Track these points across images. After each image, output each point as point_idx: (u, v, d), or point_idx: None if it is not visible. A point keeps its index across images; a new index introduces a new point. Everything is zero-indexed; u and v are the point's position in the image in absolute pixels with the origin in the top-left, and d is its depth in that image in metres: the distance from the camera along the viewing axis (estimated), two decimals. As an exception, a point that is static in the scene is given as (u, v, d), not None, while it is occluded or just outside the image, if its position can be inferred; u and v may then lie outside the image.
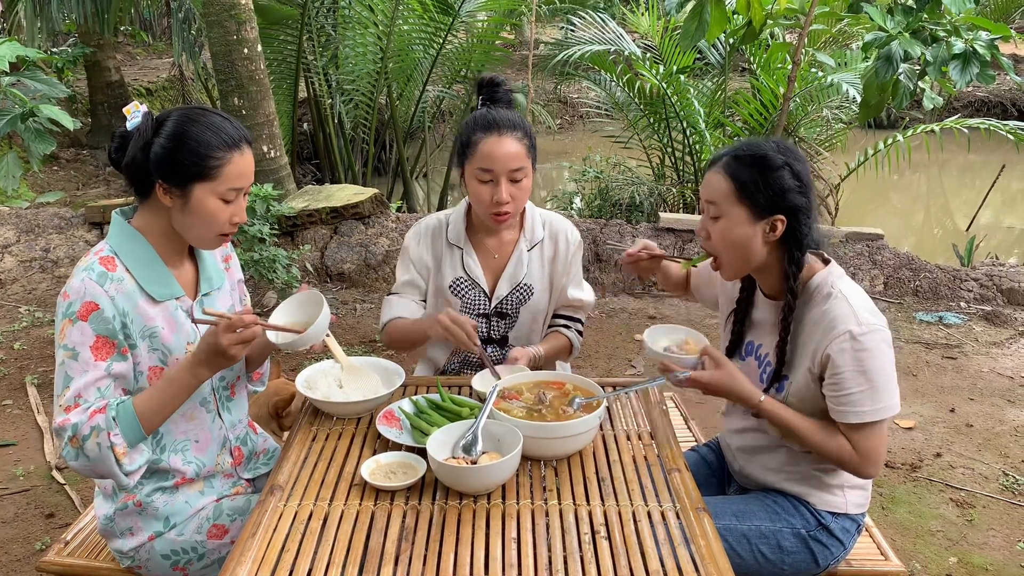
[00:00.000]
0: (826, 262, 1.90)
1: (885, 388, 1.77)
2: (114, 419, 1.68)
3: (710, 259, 1.95)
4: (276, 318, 1.94)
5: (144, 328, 1.78)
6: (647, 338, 2.01)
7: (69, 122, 4.12)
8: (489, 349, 2.41)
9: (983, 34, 4.61)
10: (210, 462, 1.94)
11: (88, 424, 1.66)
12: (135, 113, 1.76)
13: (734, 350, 2.05)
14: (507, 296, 2.36)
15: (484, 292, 2.36)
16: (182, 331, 1.84)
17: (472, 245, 2.37)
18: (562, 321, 2.47)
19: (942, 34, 4.61)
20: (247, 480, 2.04)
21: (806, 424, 1.83)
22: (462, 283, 2.35)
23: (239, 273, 2.08)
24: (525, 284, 2.37)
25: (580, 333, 2.49)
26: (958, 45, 4.53)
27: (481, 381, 2.14)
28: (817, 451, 1.84)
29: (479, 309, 2.37)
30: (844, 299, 1.80)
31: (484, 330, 2.40)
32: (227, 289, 2.00)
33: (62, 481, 3.27)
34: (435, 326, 2.16)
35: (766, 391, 1.90)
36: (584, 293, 2.47)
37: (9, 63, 4.29)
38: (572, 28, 7.83)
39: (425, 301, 2.41)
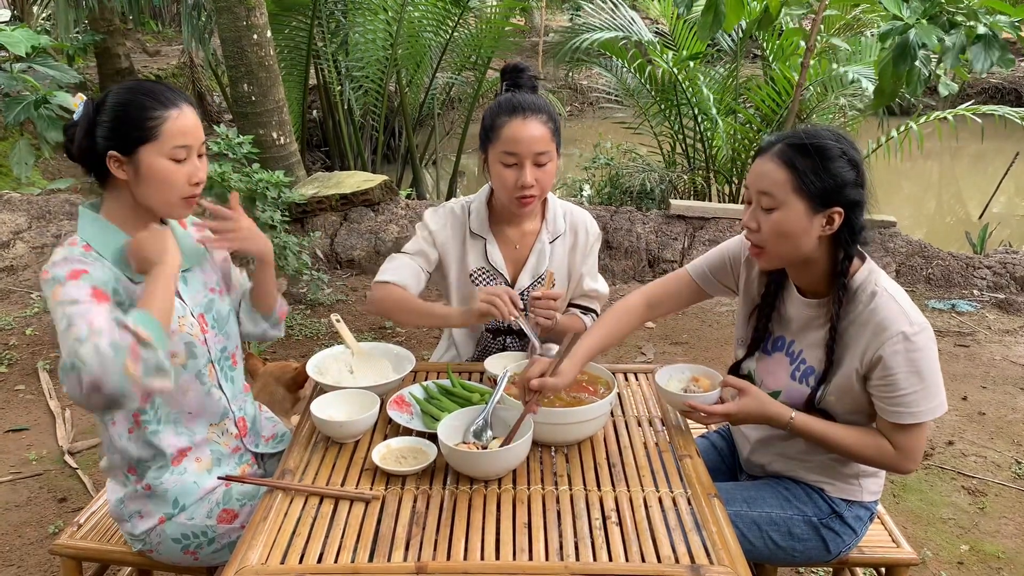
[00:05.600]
0: (862, 258, 1.83)
1: (937, 386, 1.74)
2: (117, 319, 1.53)
3: (752, 248, 1.84)
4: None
5: (132, 301, 1.75)
6: (660, 383, 1.94)
7: (81, 108, 4.12)
8: (508, 340, 2.40)
9: (1002, 18, 4.55)
10: (202, 432, 1.93)
11: (94, 333, 1.47)
12: (80, 104, 1.80)
13: (757, 346, 1.99)
14: (529, 287, 2.35)
15: (506, 283, 2.34)
16: None
17: (493, 235, 2.34)
18: (578, 312, 2.46)
19: (960, 18, 4.55)
20: (253, 455, 2.04)
21: (841, 432, 1.80)
22: (484, 273, 2.33)
23: (224, 251, 2.07)
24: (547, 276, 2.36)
25: None
26: (980, 27, 4.46)
27: (494, 364, 2.14)
28: (854, 455, 1.80)
29: None
30: (891, 298, 1.75)
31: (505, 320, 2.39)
32: (210, 266, 2.00)
33: (74, 466, 3.29)
34: (473, 314, 2.09)
35: (814, 392, 1.84)
36: (599, 284, 2.46)
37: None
38: (580, 16, 7.78)
39: (429, 274, 2.34)
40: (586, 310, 2.47)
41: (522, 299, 2.33)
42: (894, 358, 1.71)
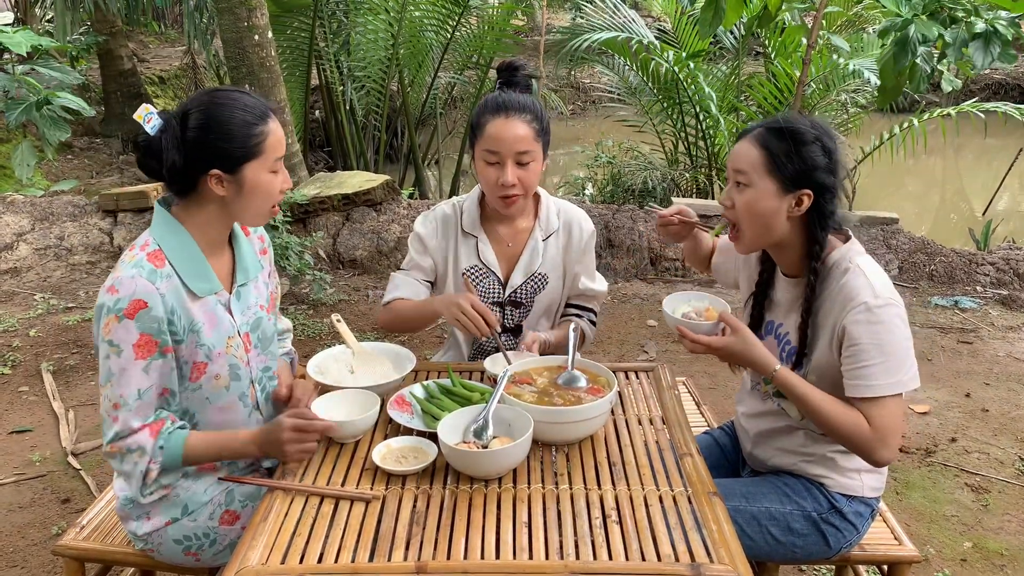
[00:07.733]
0: (847, 239, 1.88)
1: (900, 362, 1.75)
2: (161, 448, 1.75)
3: (731, 232, 1.95)
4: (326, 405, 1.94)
5: (190, 323, 1.77)
6: (667, 304, 2.01)
7: (86, 108, 4.13)
8: (503, 338, 2.40)
9: (1003, 13, 4.54)
10: None
11: (135, 440, 1.73)
12: (149, 115, 1.71)
13: (755, 331, 2.02)
14: (521, 285, 2.35)
15: (498, 281, 2.35)
16: (221, 326, 1.83)
17: (486, 233, 2.35)
18: (574, 311, 2.46)
19: (961, 14, 4.54)
20: (267, 468, 2.04)
21: (821, 396, 1.80)
22: (476, 271, 2.34)
23: (271, 264, 2.08)
24: (540, 274, 2.36)
25: (593, 324, 2.47)
26: (979, 25, 4.45)
27: (493, 364, 2.14)
28: (832, 426, 1.78)
29: (493, 297, 2.36)
30: (861, 272, 1.79)
31: (498, 319, 2.39)
32: (262, 279, 2.00)
33: (78, 467, 3.29)
34: (451, 308, 2.12)
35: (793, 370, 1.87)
36: (597, 284, 2.45)
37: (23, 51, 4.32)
38: (582, 15, 7.77)
39: (432, 283, 2.39)
40: (583, 310, 2.46)
41: (512, 299, 2.34)
42: (855, 327, 1.75)
